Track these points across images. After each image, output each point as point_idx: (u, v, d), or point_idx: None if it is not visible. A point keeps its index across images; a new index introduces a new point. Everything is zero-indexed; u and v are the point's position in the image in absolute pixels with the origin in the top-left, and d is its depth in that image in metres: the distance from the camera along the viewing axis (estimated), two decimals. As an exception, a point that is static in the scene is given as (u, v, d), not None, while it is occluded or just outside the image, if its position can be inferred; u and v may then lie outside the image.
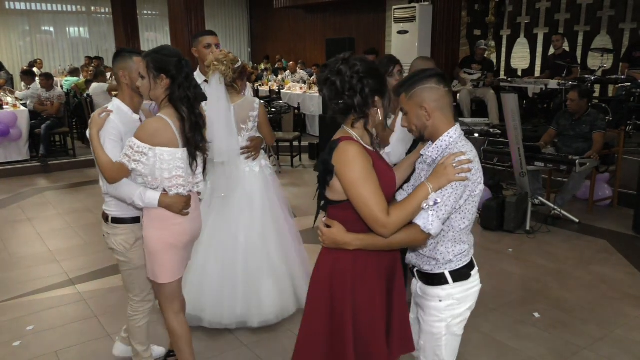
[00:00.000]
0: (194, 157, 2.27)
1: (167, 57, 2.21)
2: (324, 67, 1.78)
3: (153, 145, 2.17)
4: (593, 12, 8.66)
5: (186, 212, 2.32)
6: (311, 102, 9.49)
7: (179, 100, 2.22)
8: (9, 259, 4.42)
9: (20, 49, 14.64)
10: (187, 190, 2.30)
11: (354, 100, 1.70)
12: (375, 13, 13.06)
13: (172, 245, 2.31)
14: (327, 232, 1.78)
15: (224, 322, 3.16)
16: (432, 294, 1.86)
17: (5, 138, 7.21)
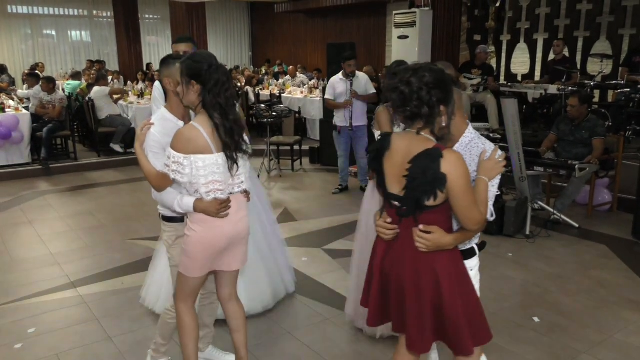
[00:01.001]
0: (233, 160, 2.28)
1: (197, 63, 2.23)
2: (393, 76, 1.84)
3: (187, 153, 2.22)
4: (592, 18, 8.71)
5: (224, 214, 2.32)
6: (312, 106, 9.52)
7: (210, 107, 2.23)
8: (10, 262, 4.44)
9: (22, 52, 14.71)
10: (226, 194, 2.32)
11: (421, 110, 1.79)
12: (375, 18, 13.12)
13: (205, 246, 2.35)
14: (431, 237, 1.83)
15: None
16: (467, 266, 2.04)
17: (7, 141, 7.23)
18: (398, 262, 1.91)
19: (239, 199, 2.41)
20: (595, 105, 7.41)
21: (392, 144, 1.89)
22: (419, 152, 1.79)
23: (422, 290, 1.86)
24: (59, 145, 8.42)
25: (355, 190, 6.46)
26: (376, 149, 1.93)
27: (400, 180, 1.83)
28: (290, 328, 3.32)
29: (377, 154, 1.92)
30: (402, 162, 1.82)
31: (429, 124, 1.82)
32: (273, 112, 7.47)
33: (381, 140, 1.94)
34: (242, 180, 2.39)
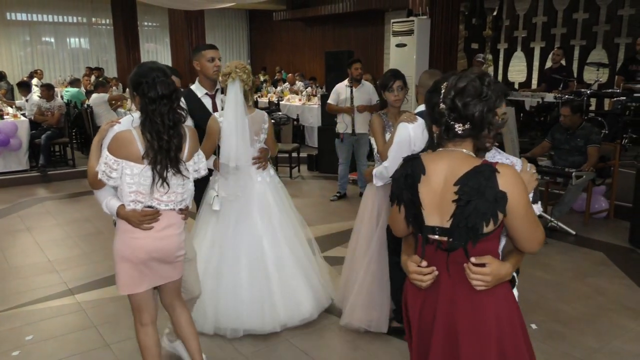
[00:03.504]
0: (162, 177, 2.22)
1: (138, 75, 2.22)
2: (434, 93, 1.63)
3: (118, 157, 2.21)
4: (589, 27, 8.79)
5: (147, 226, 2.28)
6: (310, 113, 9.55)
7: (145, 121, 2.20)
8: (7, 269, 4.43)
9: (21, 59, 14.73)
10: (144, 206, 2.26)
11: (484, 127, 1.58)
12: (373, 26, 13.20)
13: (125, 258, 2.32)
14: (489, 270, 1.53)
15: (267, 329, 3.24)
16: None
17: (5, 148, 7.24)
18: (445, 305, 1.61)
19: (172, 216, 2.35)
20: (592, 114, 7.45)
21: (426, 167, 1.60)
22: (466, 170, 1.53)
23: (483, 333, 1.56)
24: (57, 152, 8.43)
25: (353, 198, 6.47)
26: (406, 174, 1.62)
27: (443, 209, 1.56)
28: (287, 335, 3.32)
29: (411, 180, 1.60)
30: (444, 186, 1.56)
31: (478, 138, 1.60)
32: (271, 119, 7.48)
33: (410, 165, 1.63)
34: (181, 199, 2.36)
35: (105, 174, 2.23)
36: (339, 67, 7.47)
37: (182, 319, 2.59)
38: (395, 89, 3.29)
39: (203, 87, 3.47)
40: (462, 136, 1.58)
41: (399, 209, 1.66)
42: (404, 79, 3.34)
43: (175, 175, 2.27)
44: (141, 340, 2.49)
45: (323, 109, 7.92)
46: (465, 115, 1.55)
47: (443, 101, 1.57)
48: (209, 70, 3.37)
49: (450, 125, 1.58)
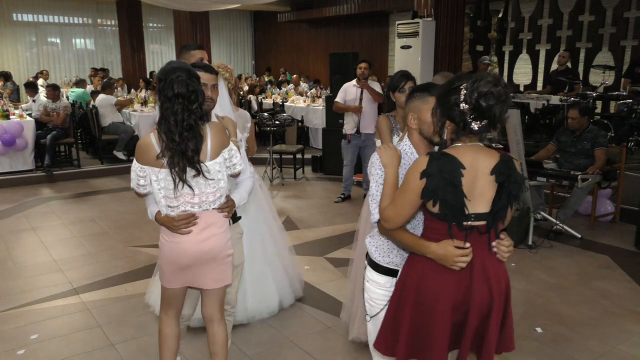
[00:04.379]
0: (182, 180, 2.16)
1: (161, 74, 2.17)
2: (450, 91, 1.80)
3: (142, 164, 2.20)
4: (595, 29, 8.77)
5: (186, 230, 2.25)
6: (314, 115, 9.56)
7: (161, 120, 2.17)
8: (13, 268, 4.45)
9: (27, 59, 14.81)
10: (177, 212, 2.23)
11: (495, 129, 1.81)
12: (378, 28, 13.21)
13: (170, 260, 2.31)
14: (509, 242, 1.86)
15: (238, 319, 3.35)
16: None
17: (11, 148, 7.27)
18: (480, 279, 1.82)
19: (211, 216, 2.30)
20: (598, 116, 7.43)
21: (462, 161, 1.76)
22: (493, 160, 1.78)
23: (507, 295, 1.89)
24: (62, 152, 8.46)
25: (358, 199, 6.47)
26: (451, 170, 1.74)
27: (477, 196, 1.77)
28: (292, 336, 3.32)
29: (451, 175, 1.74)
30: (475, 175, 1.76)
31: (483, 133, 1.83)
32: (276, 120, 7.50)
33: (444, 161, 1.75)
34: (213, 199, 2.28)
35: (136, 183, 2.24)
36: (344, 68, 7.48)
37: (218, 336, 2.48)
38: (407, 89, 3.17)
39: None
40: (477, 132, 1.77)
41: (432, 203, 1.76)
42: (414, 81, 3.29)
43: (196, 177, 2.19)
44: (161, 329, 2.48)
45: (328, 111, 7.92)
46: (488, 116, 1.73)
47: (465, 101, 1.74)
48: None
49: (467, 123, 1.75)
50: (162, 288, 2.43)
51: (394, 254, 2.05)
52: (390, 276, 2.05)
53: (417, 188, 1.77)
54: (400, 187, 1.85)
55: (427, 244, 1.82)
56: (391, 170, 1.92)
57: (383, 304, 2.04)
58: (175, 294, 2.42)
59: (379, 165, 1.96)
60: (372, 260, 2.09)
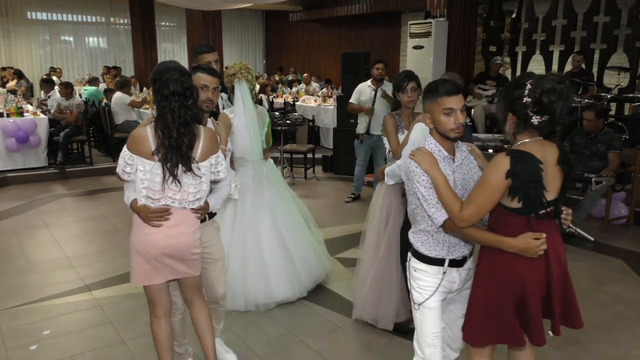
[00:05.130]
0: (172, 175, 2.24)
1: (155, 74, 2.28)
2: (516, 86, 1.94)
3: (133, 153, 2.28)
4: (609, 30, 8.66)
5: (157, 223, 2.32)
6: (325, 114, 9.55)
7: (158, 118, 2.26)
8: (26, 264, 4.49)
9: (40, 57, 14.94)
10: (157, 204, 2.30)
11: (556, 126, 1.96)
12: (390, 28, 13.17)
13: (137, 251, 2.38)
14: (569, 210, 2.05)
15: (297, 295, 3.68)
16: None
17: (24, 145, 7.33)
18: (555, 262, 1.99)
19: (184, 214, 2.37)
20: (612, 118, 7.34)
21: (538, 156, 1.90)
22: (556, 152, 1.95)
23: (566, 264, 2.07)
24: (75, 150, 8.53)
25: (368, 199, 6.41)
26: (534, 167, 1.87)
27: (552, 186, 1.94)
28: (302, 336, 3.32)
29: (535, 171, 1.87)
30: (546, 168, 1.89)
31: (543, 130, 1.95)
32: (287, 120, 7.50)
33: (530, 160, 1.88)
34: (194, 199, 2.35)
35: (122, 169, 2.32)
36: (356, 68, 7.46)
37: (200, 315, 2.60)
38: (409, 90, 3.28)
39: None
40: (537, 127, 1.91)
41: (517, 200, 1.90)
42: (417, 80, 3.33)
43: (186, 173, 2.27)
44: (153, 332, 2.55)
45: (339, 110, 7.91)
46: (549, 111, 1.85)
47: (529, 95, 1.87)
48: None
49: (528, 117, 1.89)
50: (144, 291, 2.49)
51: (440, 247, 2.16)
52: (437, 265, 2.16)
53: (501, 187, 1.89)
54: (481, 188, 1.94)
55: (505, 239, 1.94)
56: (438, 173, 2.02)
57: (432, 290, 2.16)
58: (158, 290, 2.46)
59: (421, 172, 2.04)
60: (419, 253, 2.19)
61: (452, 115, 2.04)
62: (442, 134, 2.09)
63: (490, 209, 1.95)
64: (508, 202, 1.93)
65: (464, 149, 2.21)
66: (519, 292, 1.97)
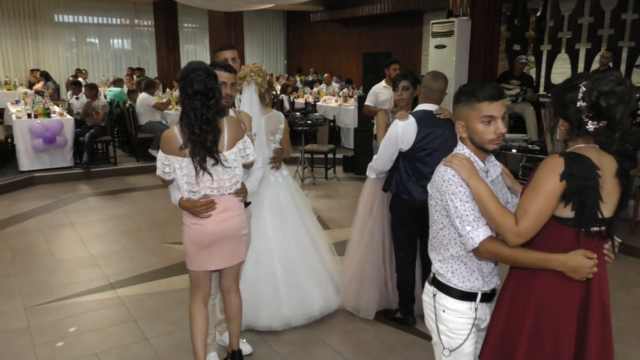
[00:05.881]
0: (202, 168, 2.39)
1: (181, 73, 2.38)
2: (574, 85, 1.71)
3: (167, 154, 2.44)
4: (638, 27, 8.46)
5: (206, 214, 2.48)
6: (346, 114, 9.54)
7: (182, 114, 2.38)
8: (53, 262, 4.58)
9: (67, 59, 15.24)
10: (199, 195, 2.46)
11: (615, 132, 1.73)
12: (412, 27, 13.08)
13: (193, 241, 2.54)
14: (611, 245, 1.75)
15: (262, 324, 3.29)
16: None
17: (51, 145, 7.49)
18: (601, 290, 1.74)
19: (228, 200, 2.54)
20: (640, 118, 7.17)
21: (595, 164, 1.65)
22: (614, 164, 1.70)
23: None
24: (100, 150, 8.68)
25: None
26: (591, 171, 1.63)
27: (609, 201, 1.67)
28: (323, 336, 3.32)
29: (592, 177, 1.62)
30: (604, 179, 1.64)
31: (604, 137, 1.73)
32: (308, 120, 7.51)
33: (586, 163, 1.64)
34: (230, 184, 2.51)
35: (161, 171, 2.49)
36: (377, 68, 7.41)
37: (235, 303, 2.76)
38: (400, 88, 3.41)
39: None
40: (593, 134, 1.67)
41: (570, 207, 1.65)
42: (411, 80, 3.41)
43: (215, 165, 2.41)
44: (192, 312, 2.66)
45: (359, 110, 7.88)
46: (607, 116, 1.63)
47: (583, 99, 1.64)
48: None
49: (583, 122, 1.66)
50: (189, 273, 2.63)
51: (474, 277, 1.86)
52: (470, 300, 1.86)
53: (557, 192, 1.64)
54: (534, 195, 1.66)
55: (555, 256, 1.67)
56: (479, 182, 1.75)
57: (466, 333, 1.86)
58: (202, 278, 2.63)
59: (459, 181, 1.77)
60: (449, 287, 1.87)
61: (492, 124, 1.77)
62: (478, 145, 1.82)
63: (547, 219, 1.67)
64: (559, 210, 1.66)
65: (497, 163, 1.95)
66: (549, 317, 1.71)
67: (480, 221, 1.75)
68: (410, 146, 3.10)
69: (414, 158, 3.13)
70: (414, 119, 3.09)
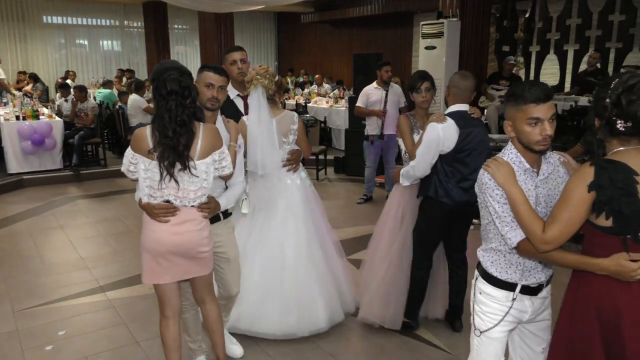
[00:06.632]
0: (169, 174, 2.25)
1: (154, 74, 2.29)
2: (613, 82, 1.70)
3: (135, 152, 2.34)
4: (625, 29, 8.55)
5: (164, 219, 2.34)
6: (337, 116, 9.55)
7: (155, 118, 2.28)
8: (42, 265, 4.54)
9: (56, 61, 15.12)
10: (159, 201, 2.33)
11: None
12: (402, 29, 13.12)
13: (145, 249, 2.41)
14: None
15: (278, 334, 3.20)
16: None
17: (40, 147, 7.43)
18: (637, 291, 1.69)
19: (190, 213, 2.38)
20: None
21: (635, 167, 1.61)
22: None
23: None
24: (90, 152, 8.62)
25: (380, 201, 6.42)
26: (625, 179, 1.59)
27: None
28: (314, 337, 3.31)
29: (631, 183, 1.59)
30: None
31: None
32: (299, 121, 7.49)
33: (621, 170, 1.60)
34: (195, 197, 2.35)
35: (126, 167, 2.39)
36: (367, 69, 7.44)
37: (211, 313, 2.63)
38: (423, 90, 3.28)
39: (234, 89, 3.49)
40: (625, 133, 1.63)
41: (605, 217, 1.62)
42: (431, 80, 3.32)
43: (182, 171, 2.28)
44: (161, 332, 2.57)
45: (350, 112, 7.90)
46: (628, 113, 1.60)
47: (609, 96, 1.63)
48: (233, 73, 3.36)
49: (612, 121, 1.64)
50: (154, 288, 2.50)
51: (512, 270, 1.94)
52: (508, 290, 1.94)
53: (585, 202, 1.64)
54: (563, 203, 1.68)
55: (596, 260, 1.66)
56: (514, 188, 1.78)
57: (498, 318, 1.94)
58: (167, 290, 2.48)
59: (495, 185, 1.82)
60: (488, 274, 1.97)
61: (539, 125, 1.78)
62: (525, 146, 1.84)
63: (577, 228, 1.68)
64: (596, 219, 1.66)
65: (552, 160, 1.94)
66: (612, 323, 1.67)
67: (517, 223, 1.82)
68: (452, 148, 2.99)
69: (453, 159, 3.03)
70: (452, 120, 2.99)
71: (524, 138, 1.83)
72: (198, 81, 2.60)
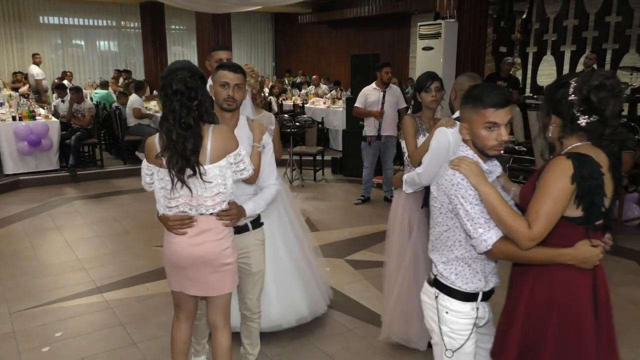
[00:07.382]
0: (180, 180, 2.12)
1: (165, 70, 2.19)
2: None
3: (149, 162, 2.24)
4: (622, 30, 8.58)
5: (181, 231, 2.23)
6: (334, 116, 9.55)
7: (162, 120, 2.17)
8: (39, 266, 4.52)
9: (53, 61, 15.07)
10: (175, 212, 2.21)
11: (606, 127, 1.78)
12: (399, 29, 13.14)
13: (166, 259, 2.34)
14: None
15: (263, 327, 3.14)
16: None
17: (36, 148, 7.40)
18: (602, 277, 1.83)
19: (208, 221, 2.23)
20: (625, 119, 7.26)
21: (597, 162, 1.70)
22: (605, 158, 1.73)
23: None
24: (86, 153, 8.60)
25: (377, 201, 6.43)
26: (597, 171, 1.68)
27: (609, 193, 1.73)
28: (313, 338, 3.31)
29: (601, 175, 1.68)
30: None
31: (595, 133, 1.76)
32: (296, 122, 7.50)
33: (592, 163, 1.68)
34: (213, 203, 2.20)
35: (144, 180, 2.29)
36: (365, 70, 7.45)
37: (222, 341, 2.40)
38: (433, 89, 3.11)
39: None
40: (586, 129, 1.72)
41: (582, 207, 1.70)
42: (441, 81, 3.19)
43: (191, 177, 2.13)
44: (172, 333, 2.50)
45: (348, 112, 7.90)
46: (599, 110, 1.68)
47: (575, 93, 1.69)
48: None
49: (575, 117, 1.71)
50: (171, 291, 2.45)
51: (477, 278, 1.88)
52: (472, 301, 1.89)
53: (568, 194, 1.67)
54: (545, 198, 1.68)
55: (565, 251, 1.72)
56: (488, 187, 1.75)
57: (468, 333, 1.88)
58: (180, 298, 2.41)
59: (468, 185, 1.77)
60: (452, 289, 1.88)
61: (495, 130, 1.76)
62: (479, 149, 1.83)
63: (556, 221, 1.70)
64: (569, 210, 1.70)
65: (497, 163, 1.93)
66: (571, 313, 1.75)
67: (491, 223, 1.77)
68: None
69: None
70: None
71: (479, 142, 1.80)
72: (214, 82, 2.45)
